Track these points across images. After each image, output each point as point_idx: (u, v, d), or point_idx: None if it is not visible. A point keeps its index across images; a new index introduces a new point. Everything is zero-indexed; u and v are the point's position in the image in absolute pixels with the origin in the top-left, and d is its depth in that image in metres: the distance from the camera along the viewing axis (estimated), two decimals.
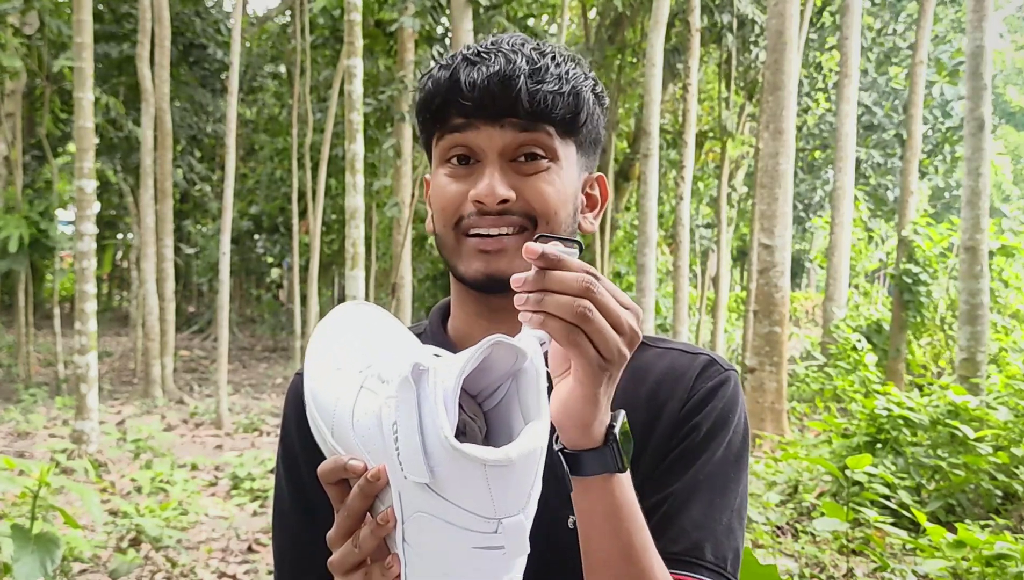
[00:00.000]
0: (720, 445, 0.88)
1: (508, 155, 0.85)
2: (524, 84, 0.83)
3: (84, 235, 6.90)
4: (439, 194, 0.87)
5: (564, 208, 0.87)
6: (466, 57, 0.85)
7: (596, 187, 0.94)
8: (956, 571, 3.64)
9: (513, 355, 0.65)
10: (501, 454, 0.59)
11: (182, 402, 10.41)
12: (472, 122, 0.84)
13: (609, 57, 12.91)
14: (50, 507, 4.13)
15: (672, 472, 0.87)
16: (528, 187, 0.85)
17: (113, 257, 21.59)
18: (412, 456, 0.59)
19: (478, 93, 0.83)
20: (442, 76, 0.85)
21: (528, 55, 0.84)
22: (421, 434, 0.59)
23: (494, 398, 0.68)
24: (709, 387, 0.91)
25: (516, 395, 0.67)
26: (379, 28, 12.11)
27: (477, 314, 0.91)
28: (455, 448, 0.58)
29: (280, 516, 0.95)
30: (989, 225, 7.62)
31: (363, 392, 0.67)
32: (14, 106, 11.81)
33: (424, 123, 0.89)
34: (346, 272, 6.39)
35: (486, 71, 0.83)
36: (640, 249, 7.89)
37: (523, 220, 0.84)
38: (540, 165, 0.85)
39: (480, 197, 0.83)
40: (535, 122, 0.84)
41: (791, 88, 7.53)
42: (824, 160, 16.94)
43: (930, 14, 10.93)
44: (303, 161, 13.47)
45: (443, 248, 0.89)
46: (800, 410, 9.52)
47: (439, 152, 0.88)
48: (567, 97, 0.85)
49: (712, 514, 0.85)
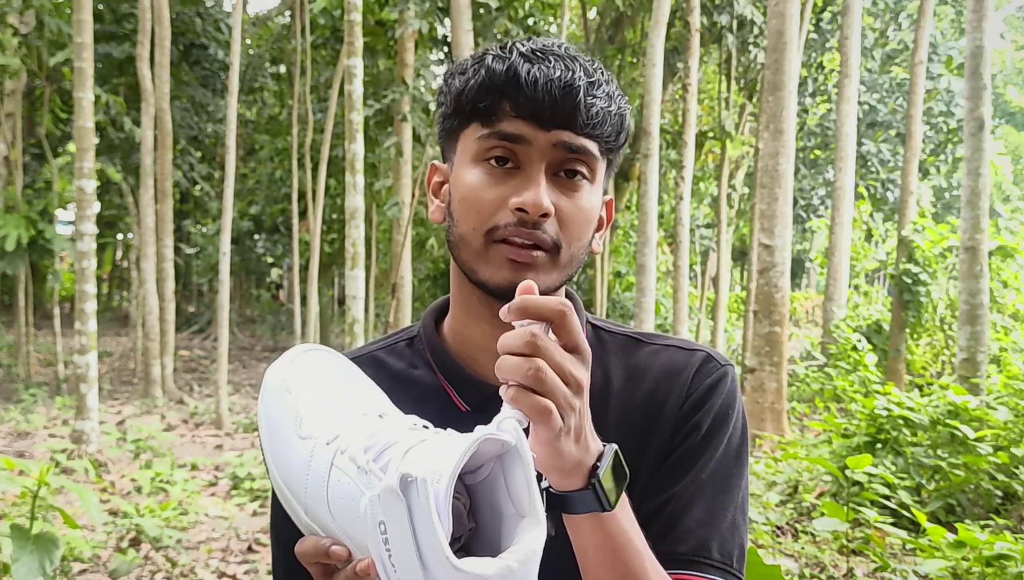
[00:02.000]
0: (721, 443, 0.88)
1: (552, 168, 0.82)
2: (583, 95, 0.80)
3: (84, 235, 6.89)
4: (472, 195, 0.83)
5: (587, 232, 0.86)
6: (523, 54, 0.81)
7: (605, 209, 0.93)
8: (956, 571, 3.64)
9: (499, 444, 0.63)
10: (503, 566, 0.59)
11: (182, 402, 10.41)
12: (527, 125, 0.81)
13: (609, 57, 12.91)
14: (50, 507, 4.13)
15: (675, 473, 0.87)
16: (566, 205, 0.83)
17: (113, 257, 21.60)
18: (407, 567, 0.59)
19: (540, 93, 0.80)
20: (497, 68, 0.81)
21: (584, 66, 0.82)
22: (416, 547, 0.58)
23: (478, 475, 0.66)
24: (707, 384, 0.90)
25: (501, 474, 0.65)
26: (380, 28, 12.11)
27: (481, 318, 0.90)
28: (455, 567, 0.57)
29: (273, 526, 0.95)
30: (989, 225, 7.62)
31: (335, 471, 0.65)
32: (14, 106, 11.81)
33: (463, 112, 0.84)
34: (346, 272, 6.39)
35: (547, 73, 0.80)
36: (640, 249, 7.89)
37: (552, 239, 0.82)
38: (578, 184, 0.84)
39: (526, 206, 0.80)
40: (586, 137, 0.82)
41: (791, 88, 7.53)
42: (825, 159, 16.94)
43: (930, 14, 10.93)
44: (303, 161, 13.47)
45: (465, 249, 0.85)
46: (800, 410, 9.52)
47: (476, 148, 0.83)
48: (614, 116, 0.83)
49: (716, 512, 0.86)
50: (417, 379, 0.94)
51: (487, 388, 0.89)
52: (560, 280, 0.85)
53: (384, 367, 0.95)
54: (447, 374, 0.92)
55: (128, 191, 13.60)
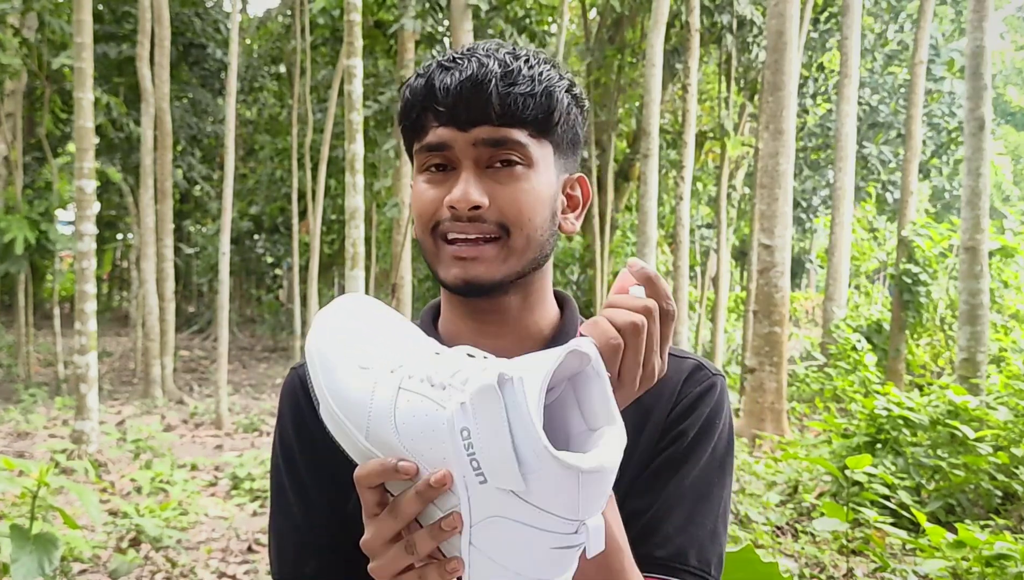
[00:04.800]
0: (705, 452, 0.89)
1: (483, 162, 0.85)
2: (495, 87, 0.83)
3: (84, 235, 6.90)
4: (417, 200, 0.88)
5: (539, 213, 0.87)
6: (441, 64, 0.86)
7: (577, 188, 0.94)
8: (956, 571, 3.64)
9: (577, 361, 0.66)
10: (596, 462, 0.61)
11: (182, 402, 10.41)
12: (447, 130, 0.85)
13: (609, 57, 12.91)
14: (50, 507, 4.13)
15: (658, 479, 0.88)
16: (502, 194, 0.85)
17: (113, 257, 21.59)
18: (500, 465, 0.60)
19: (451, 99, 0.83)
20: (418, 84, 0.87)
21: (501, 59, 0.85)
22: (512, 442, 0.60)
23: (549, 396, 0.68)
24: (696, 393, 0.92)
25: (572, 395, 0.68)
26: (379, 28, 12.11)
27: (464, 315, 0.92)
28: (555, 457, 0.59)
29: (280, 503, 0.95)
30: (989, 225, 7.62)
31: (403, 394, 0.66)
32: (14, 106, 11.82)
33: (404, 131, 0.90)
34: (346, 272, 6.39)
35: (459, 76, 0.83)
36: (640, 249, 7.89)
37: (497, 228, 0.85)
38: (515, 172, 0.85)
39: (453, 202, 0.84)
40: (507, 126, 0.84)
41: (791, 88, 7.54)
42: (826, 159, 16.94)
43: (930, 14, 10.93)
44: (303, 161, 13.48)
45: (424, 253, 0.90)
46: (800, 410, 9.52)
47: (418, 161, 0.89)
48: (539, 98, 0.85)
49: (696, 520, 0.87)
50: None
51: None
52: (520, 265, 0.87)
53: None
54: None
55: (128, 191, 13.60)
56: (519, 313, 0.91)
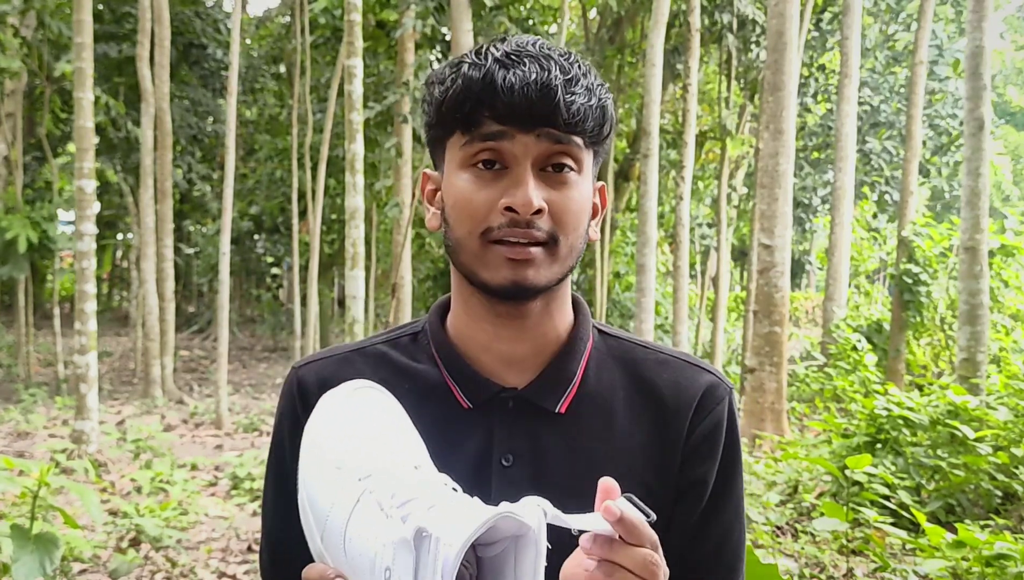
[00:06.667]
0: (735, 487, 0.95)
1: (540, 163, 0.84)
2: (562, 94, 0.82)
3: (84, 235, 6.89)
4: (463, 199, 0.85)
5: (583, 222, 0.88)
6: (498, 59, 0.83)
7: (598, 195, 0.95)
8: (956, 571, 3.64)
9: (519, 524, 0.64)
10: None
11: (182, 402, 10.41)
12: (507, 129, 0.83)
13: (609, 57, 12.91)
14: (50, 507, 4.13)
15: (690, 516, 0.92)
16: (557, 199, 0.84)
17: (113, 257, 21.60)
18: None
19: (517, 97, 0.81)
20: (474, 76, 0.83)
21: (560, 63, 0.84)
22: None
23: (492, 549, 0.67)
24: (715, 419, 0.93)
25: (513, 554, 0.66)
26: (381, 29, 12.11)
27: (481, 318, 0.91)
28: None
29: (267, 501, 0.97)
30: (989, 225, 7.62)
31: (359, 508, 0.67)
32: (14, 106, 11.81)
33: (445, 121, 0.87)
34: (346, 272, 6.40)
35: (523, 76, 0.81)
36: (640, 249, 7.89)
37: (546, 234, 0.84)
38: (568, 177, 0.85)
39: (516, 206, 0.82)
40: (570, 133, 0.84)
41: (791, 88, 7.53)
42: (826, 159, 16.94)
43: (930, 14, 10.93)
44: (303, 161, 13.47)
45: (462, 253, 0.86)
46: (800, 410, 9.52)
47: (462, 154, 0.85)
48: (596, 109, 0.85)
49: (733, 551, 0.95)
50: (420, 373, 0.94)
51: (491, 388, 0.91)
52: (562, 272, 0.87)
53: (387, 359, 0.96)
54: (452, 371, 0.92)
55: (128, 191, 13.60)
56: (539, 318, 0.91)
